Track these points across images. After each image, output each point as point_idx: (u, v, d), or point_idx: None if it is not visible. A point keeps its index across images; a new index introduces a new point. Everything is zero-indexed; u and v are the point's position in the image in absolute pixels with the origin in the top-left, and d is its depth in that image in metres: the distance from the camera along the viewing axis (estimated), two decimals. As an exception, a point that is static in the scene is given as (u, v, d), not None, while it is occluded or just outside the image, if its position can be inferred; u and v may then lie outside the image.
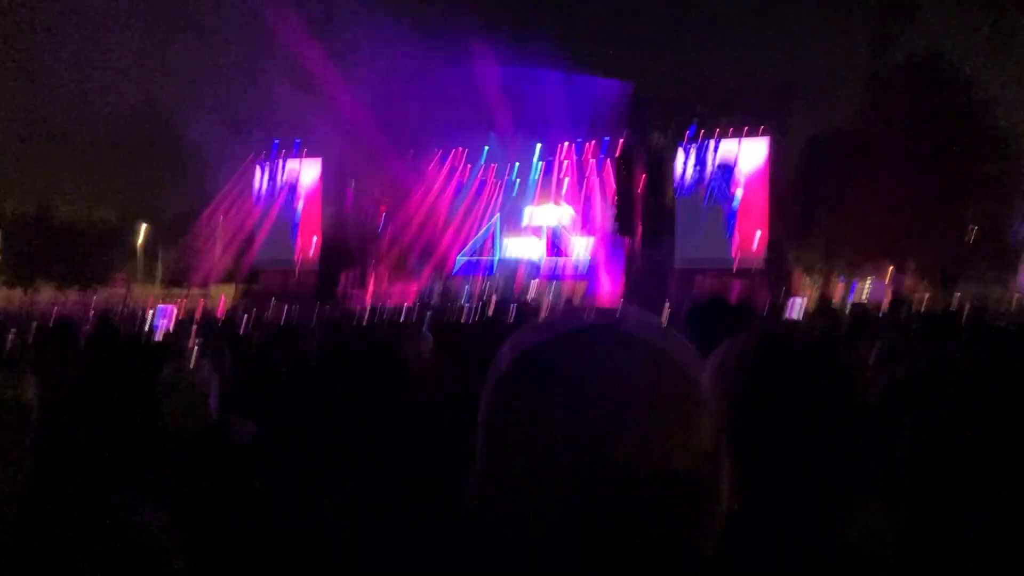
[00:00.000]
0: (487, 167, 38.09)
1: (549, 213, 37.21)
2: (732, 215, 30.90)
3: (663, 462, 0.71)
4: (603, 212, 35.10)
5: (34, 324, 7.52)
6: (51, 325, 6.00)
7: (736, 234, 30.78)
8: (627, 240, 32.15)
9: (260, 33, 35.85)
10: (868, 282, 35.25)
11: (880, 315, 8.15)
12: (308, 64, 33.57)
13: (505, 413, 0.76)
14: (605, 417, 0.70)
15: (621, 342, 0.77)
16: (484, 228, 38.58)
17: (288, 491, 2.54)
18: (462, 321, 9.44)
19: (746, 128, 30.90)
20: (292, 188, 38.45)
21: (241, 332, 7.67)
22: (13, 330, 8.59)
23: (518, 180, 37.92)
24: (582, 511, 0.69)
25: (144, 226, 54.91)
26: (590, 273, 34.97)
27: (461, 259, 38.28)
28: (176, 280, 43.85)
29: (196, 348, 5.52)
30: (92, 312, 15.20)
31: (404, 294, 36.66)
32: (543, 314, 22.80)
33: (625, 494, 0.69)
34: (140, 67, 39.49)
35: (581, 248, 36.08)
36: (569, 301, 26.10)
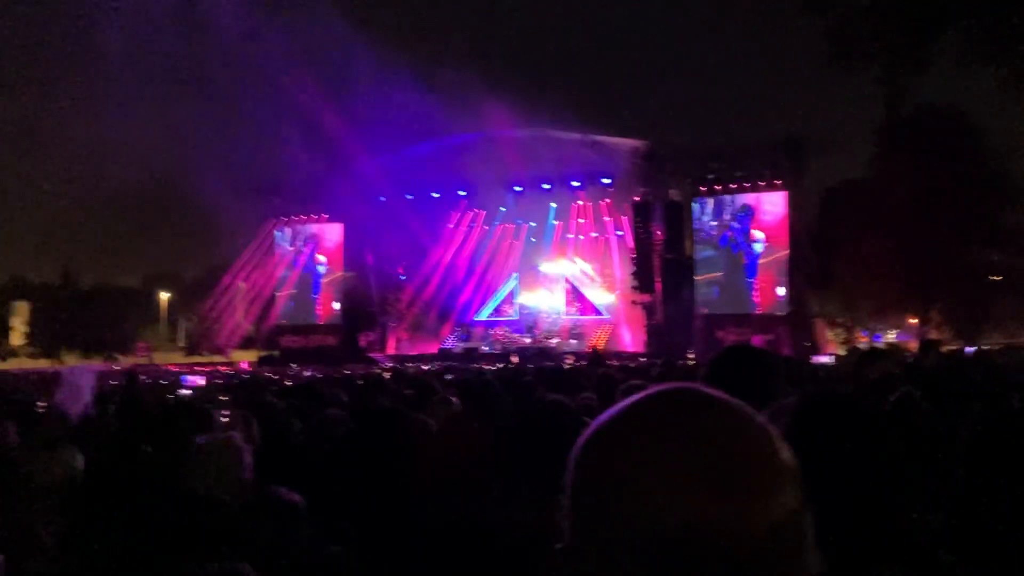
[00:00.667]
0: (504, 225, 38.42)
1: (565, 267, 37.45)
2: (751, 266, 30.85)
3: (761, 524, 0.70)
4: (621, 266, 35.23)
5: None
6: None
7: (756, 285, 30.71)
8: (647, 293, 32.20)
9: (279, 98, 36.62)
10: (892, 334, 34.99)
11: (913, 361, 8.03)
12: (327, 128, 34.21)
13: (597, 485, 0.74)
14: (706, 482, 0.69)
15: (709, 404, 0.76)
16: (503, 285, 38.77)
17: (331, 561, 2.54)
18: (486, 376, 9.41)
19: (762, 181, 31.01)
20: (312, 250, 38.81)
21: (266, 399, 7.67)
22: (42, 403, 8.66)
23: (534, 239, 38.23)
24: None
25: (166, 292, 55.49)
26: (611, 324, 35.01)
27: (481, 314, 38.44)
28: (197, 345, 44.14)
29: (225, 416, 5.55)
30: (119, 381, 15.28)
31: (426, 350, 36.73)
32: (568, 362, 22.75)
33: (729, 560, 0.68)
34: (161, 134, 40.32)
35: (601, 300, 36.22)
36: (594, 350, 26.05)
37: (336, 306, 38.46)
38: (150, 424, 4.81)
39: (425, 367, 23.16)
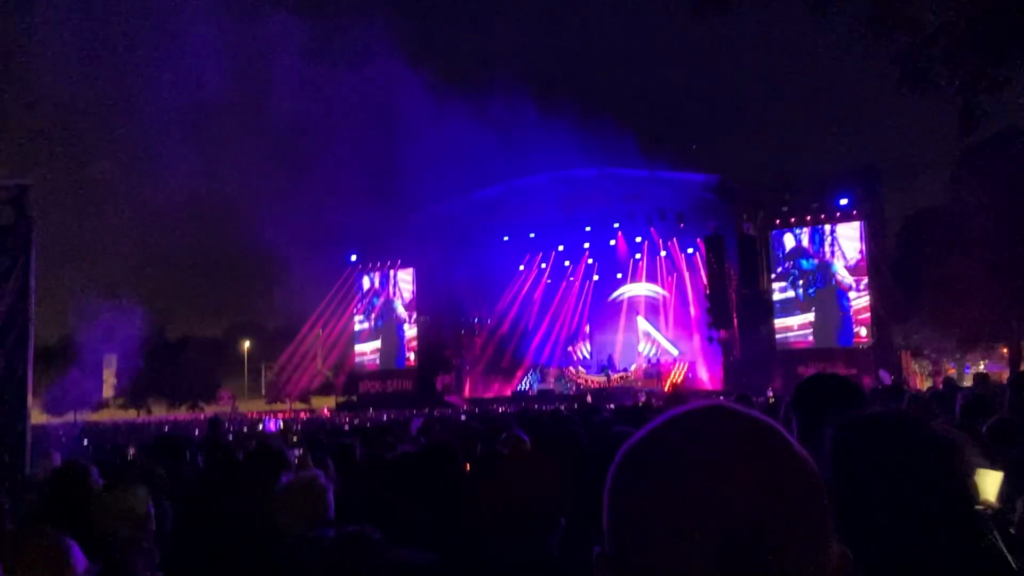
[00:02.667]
0: (575, 264, 38.39)
1: (639, 289, 37.08)
2: (830, 301, 30.18)
3: (798, 535, 0.73)
4: (696, 303, 34.76)
5: (154, 438, 7.84)
6: (166, 437, 6.27)
7: (836, 320, 29.99)
8: (723, 329, 31.67)
9: (347, 145, 37.49)
10: (982, 364, 33.65)
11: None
12: (395, 174, 34.84)
13: (635, 488, 0.79)
14: (741, 491, 0.73)
15: (735, 415, 0.80)
16: (576, 326, 38.66)
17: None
18: (561, 412, 9.38)
19: (838, 212, 30.43)
20: (388, 298, 39.41)
21: (343, 440, 7.80)
22: (132, 448, 8.98)
23: (597, 276, 38.10)
24: None
25: (247, 341, 56.87)
26: (688, 360, 34.46)
27: (555, 355, 38.33)
28: (279, 393, 45.03)
29: (305, 455, 5.66)
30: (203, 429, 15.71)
31: (500, 392, 36.75)
32: (642, 399, 22.46)
33: (763, 563, 0.71)
34: (241, 187, 41.62)
35: (676, 337, 35.73)
36: (673, 387, 25.68)
37: (412, 346, 38.92)
38: (234, 467, 4.93)
39: (500, 409, 23.19)
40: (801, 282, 30.71)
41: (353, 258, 40.24)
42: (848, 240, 30.08)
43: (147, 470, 4.88)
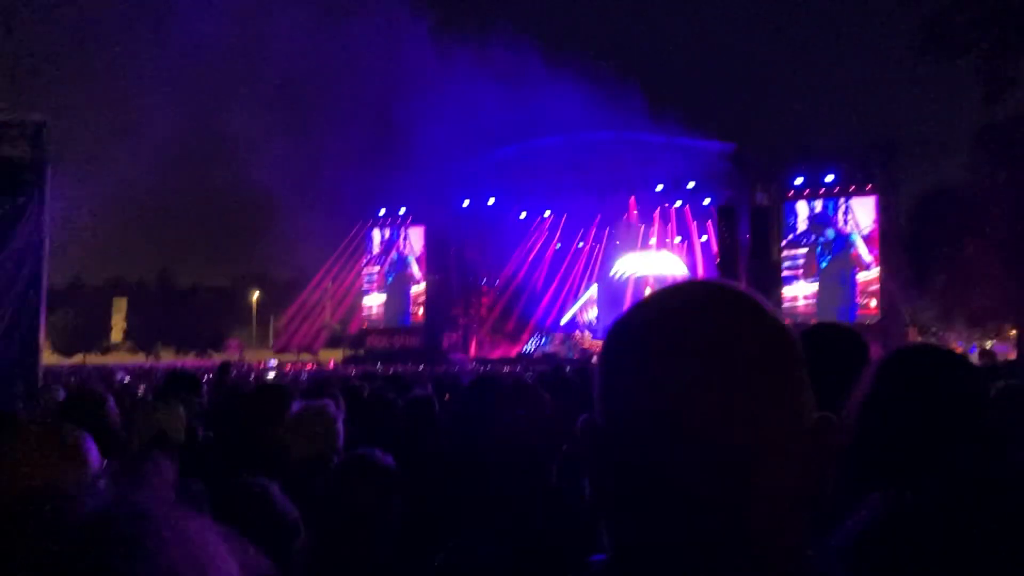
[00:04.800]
0: (586, 228, 38.30)
1: (644, 260, 37.03)
2: (841, 273, 30.09)
3: (774, 410, 0.74)
4: (705, 272, 34.67)
5: (161, 375, 7.92)
6: (182, 372, 6.34)
7: (845, 292, 29.93)
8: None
9: (364, 101, 37.34)
10: (989, 343, 33.57)
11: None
12: (410, 131, 34.71)
13: (619, 355, 0.80)
14: (716, 364, 0.73)
15: (723, 290, 0.80)
16: (584, 289, 38.70)
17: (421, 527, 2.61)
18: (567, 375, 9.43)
19: (853, 186, 30.20)
20: (398, 254, 39.42)
21: (351, 383, 7.87)
22: (143, 385, 9.08)
23: (617, 243, 38.03)
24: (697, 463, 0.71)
25: (256, 292, 57.09)
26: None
27: (562, 318, 38.40)
28: (287, 344, 45.30)
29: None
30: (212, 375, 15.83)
31: (506, 353, 36.88)
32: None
33: (740, 451, 0.71)
34: (254, 136, 41.60)
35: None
36: None
37: (420, 303, 39.01)
38: (242, 400, 4.99)
39: (505, 369, 23.29)
40: (813, 256, 30.61)
41: (364, 213, 40.21)
42: (862, 214, 29.91)
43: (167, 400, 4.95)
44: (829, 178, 30.60)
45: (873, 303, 29.43)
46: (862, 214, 29.91)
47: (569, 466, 2.68)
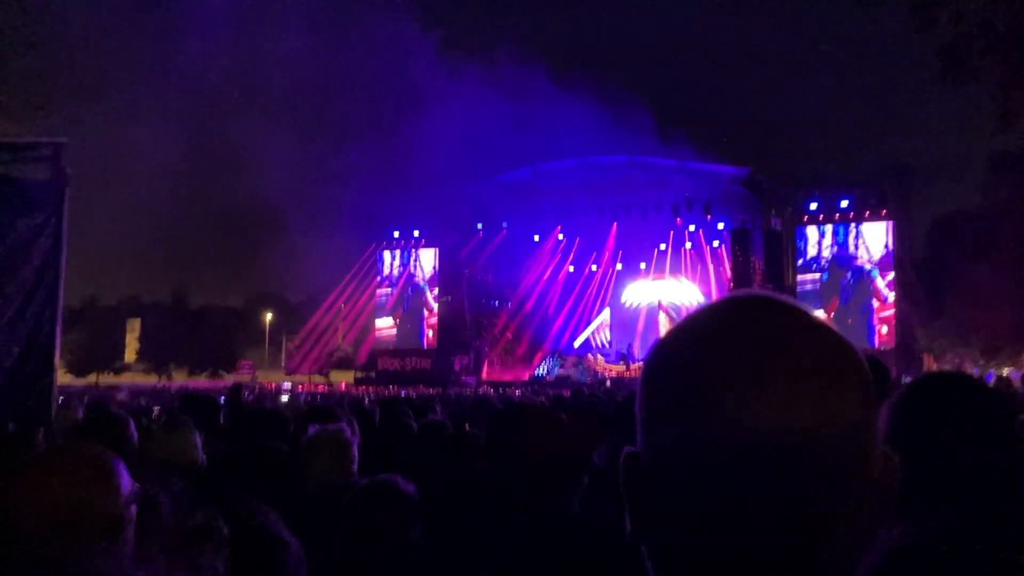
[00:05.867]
0: (599, 251, 38.31)
1: (661, 291, 36.99)
2: (858, 298, 29.97)
3: (832, 420, 0.66)
4: (719, 294, 34.48)
5: (177, 397, 7.93)
6: (192, 398, 6.33)
7: (862, 319, 29.78)
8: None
9: (377, 124, 37.62)
10: (1006, 371, 33.23)
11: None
12: (423, 154, 34.92)
13: (663, 383, 0.72)
14: (773, 378, 0.66)
15: (772, 303, 0.73)
16: (597, 313, 38.65)
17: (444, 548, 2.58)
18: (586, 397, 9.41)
19: (867, 211, 30.14)
20: (411, 276, 39.51)
21: (363, 407, 7.86)
22: (157, 407, 9.09)
23: (631, 265, 37.99)
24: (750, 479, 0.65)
25: (269, 313, 57.25)
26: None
27: (575, 342, 38.32)
28: (299, 366, 45.34)
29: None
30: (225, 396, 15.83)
31: (518, 376, 36.80)
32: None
33: (801, 460, 0.65)
34: (270, 158, 41.94)
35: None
36: None
37: (432, 326, 39.04)
38: (256, 422, 4.98)
39: (516, 392, 23.22)
40: (828, 281, 30.52)
41: (378, 235, 40.39)
42: (875, 239, 29.83)
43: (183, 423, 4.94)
44: (844, 203, 30.55)
45: (886, 330, 29.28)
46: (876, 239, 29.83)
47: (591, 494, 2.65)
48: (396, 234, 39.56)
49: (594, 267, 38.67)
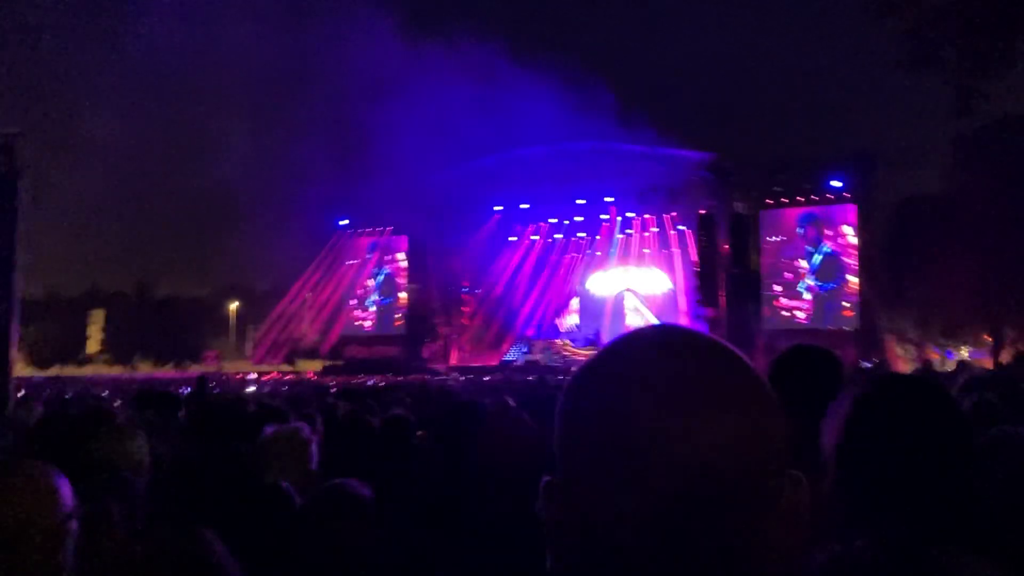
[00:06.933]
0: (567, 238, 38.39)
1: (628, 279, 37.16)
2: (820, 281, 30.31)
3: (743, 445, 0.68)
4: (685, 280, 34.83)
5: (137, 391, 7.80)
6: (153, 392, 6.23)
7: (823, 300, 30.14)
8: (711, 307, 31.78)
9: (344, 111, 37.29)
10: (965, 351, 33.81)
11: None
12: (391, 141, 34.61)
13: (582, 411, 0.74)
14: (693, 420, 0.68)
15: (704, 340, 0.75)
16: (566, 299, 38.74)
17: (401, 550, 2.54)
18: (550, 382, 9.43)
19: (831, 195, 30.45)
20: (379, 263, 39.32)
21: (327, 400, 7.79)
22: (119, 400, 8.93)
23: (598, 252, 38.08)
24: (667, 505, 0.67)
25: (235, 302, 56.68)
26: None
27: (543, 327, 38.40)
28: (265, 355, 44.95)
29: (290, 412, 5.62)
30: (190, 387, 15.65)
31: (486, 362, 36.81)
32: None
33: (711, 483, 0.67)
34: (233, 144, 41.42)
35: (664, 314, 35.75)
36: None
37: (400, 312, 38.98)
38: (218, 419, 4.90)
39: (486, 378, 23.23)
40: (792, 264, 30.83)
41: (343, 223, 40.11)
42: (840, 223, 30.17)
43: (136, 421, 4.84)
44: (808, 187, 30.85)
45: (849, 313, 29.64)
46: (840, 223, 30.16)
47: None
48: (364, 222, 39.32)
49: (561, 253, 38.72)
